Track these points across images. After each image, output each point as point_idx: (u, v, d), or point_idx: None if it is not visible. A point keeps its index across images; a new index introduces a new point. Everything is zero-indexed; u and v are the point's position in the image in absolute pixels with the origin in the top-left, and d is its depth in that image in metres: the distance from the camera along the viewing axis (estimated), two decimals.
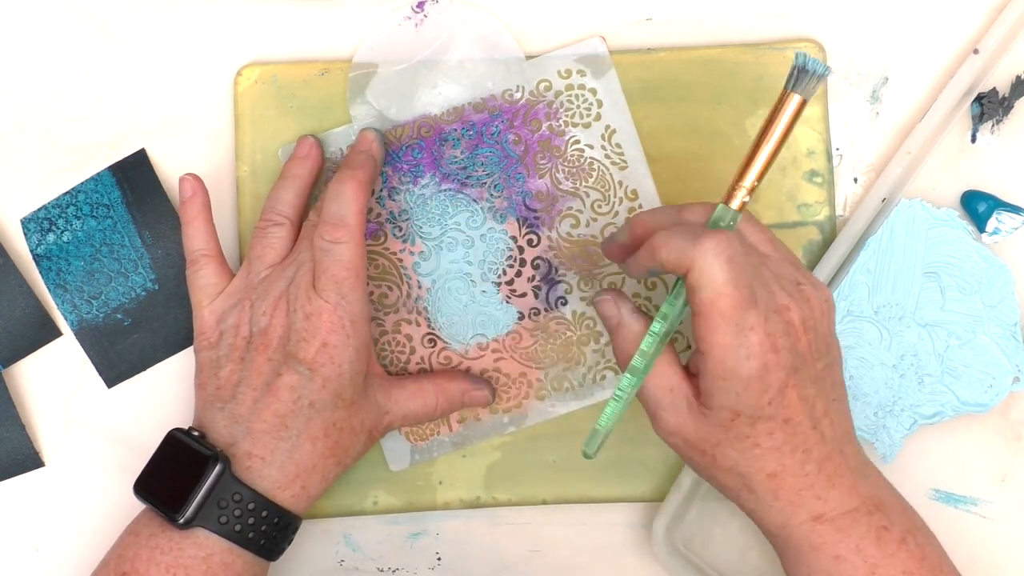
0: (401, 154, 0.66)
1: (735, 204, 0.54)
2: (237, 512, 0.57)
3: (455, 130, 0.66)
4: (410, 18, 0.66)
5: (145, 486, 0.58)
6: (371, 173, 0.62)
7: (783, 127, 0.53)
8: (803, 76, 0.53)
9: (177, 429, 0.59)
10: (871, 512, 0.54)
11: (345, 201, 0.60)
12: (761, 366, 0.52)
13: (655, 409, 0.55)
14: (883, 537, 0.54)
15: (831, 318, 0.55)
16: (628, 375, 0.56)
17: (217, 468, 0.57)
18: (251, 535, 0.57)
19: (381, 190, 0.66)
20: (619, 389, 0.56)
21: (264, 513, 0.57)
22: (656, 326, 0.55)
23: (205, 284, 0.63)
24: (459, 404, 0.64)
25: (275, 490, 0.58)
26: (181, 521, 0.56)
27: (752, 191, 0.54)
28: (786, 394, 0.53)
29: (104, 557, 0.59)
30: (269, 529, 0.58)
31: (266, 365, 0.59)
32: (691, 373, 0.55)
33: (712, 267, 0.51)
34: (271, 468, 0.58)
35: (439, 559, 0.67)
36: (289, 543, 0.60)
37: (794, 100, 0.53)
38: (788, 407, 0.53)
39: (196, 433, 0.59)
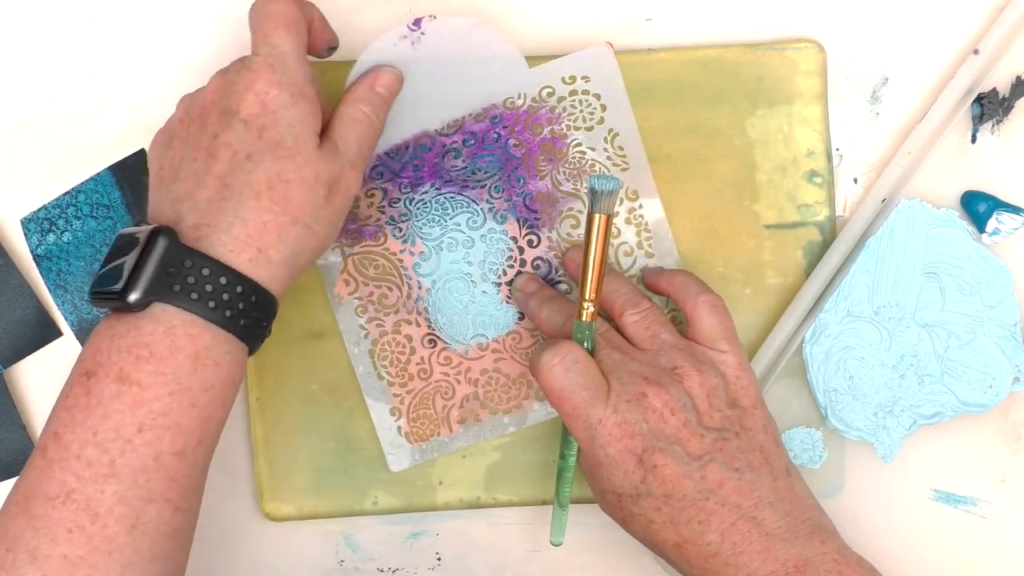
0: (402, 170, 0.66)
1: (585, 317, 0.59)
2: (191, 279, 0.53)
3: (455, 142, 0.66)
4: (406, 37, 0.66)
5: (96, 286, 0.54)
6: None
7: (599, 244, 0.59)
8: (597, 196, 0.58)
9: (123, 230, 0.56)
10: (790, 575, 0.55)
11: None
12: (618, 451, 0.57)
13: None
14: None
15: (730, 392, 0.59)
16: (558, 502, 0.63)
17: (161, 239, 0.53)
18: (212, 304, 0.53)
19: (381, 200, 0.66)
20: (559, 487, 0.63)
21: (222, 279, 0.53)
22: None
23: None
24: (373, 89, 0.62)
25: (228, 255, 0.54)
26: (132, 300, 0.52)
27: (596, 301, 0.59)
28: (657, 472, 0.56)
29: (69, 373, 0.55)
30: (232, 298, 0.53)
31: (204, 132, 0.56)
32: None
33: (547, 380, 0.58)
34: (219, 233, 0.54)
35: (439, 559, 0.67)
36: (265, 324, 0.56)
37: (599, 219, 0.58)
38: (665, 483, 0.56)
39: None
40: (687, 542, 0.56)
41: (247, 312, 0.54)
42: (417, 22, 0.65)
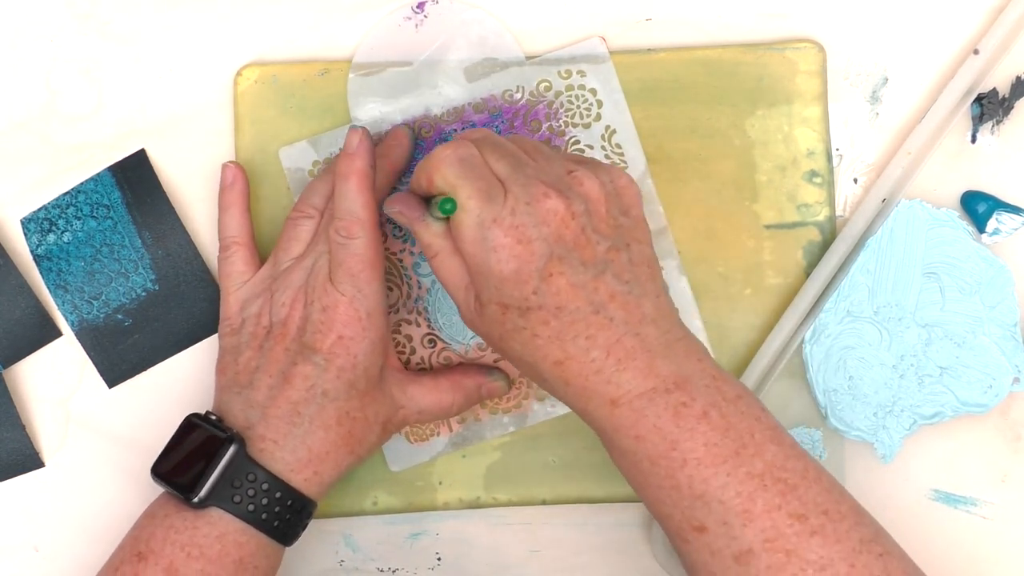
0: None
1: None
2: (251, 492, 0.57)
3: (455, 130, 0.66)
4: (410, 18, 0.66)
5: (161, 469, 0.59)
6: (369, 160, 0.61)
7: None
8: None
9: (194, 414, 0.60)
10: (670, 391, 0.54)
11: (353, 196, 0.60)
12: (509, 258, 0.54)
13: (456, 304, 0.58)
14: (682, 413, 0.53)
15: (622, 200, 0.57)
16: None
17: (232, 448, 0.57)
18: (264, 516, 0.58)
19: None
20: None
21: (277, 494, 0.58)
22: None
23: (233, 271, 0.63)
24: (476, 398, 0.64)
25: (288, 472, 0.58)
26: (195, 500, 0.57)
27: None
28: (551, 282, 0.54)
29: (121, 540, 0.59)
30: (282, 511, 0.58)
31: (283, 355, 0.60)
32: None
33: (442, 171, 0.55)
34: (284, 451, 0.58)
35: (439, 559, 0.67)
36: (303, 528, 0.60)
37: None
38: (558, 295, 0.54)
39: (213, 417, 0.59)
40: (570, 358, 0.54)
41: (292, 521, 0.59)
42: (421, 5, 0.66)
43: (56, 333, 0.67)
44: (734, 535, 0.52)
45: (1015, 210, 0.66)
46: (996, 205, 0.66)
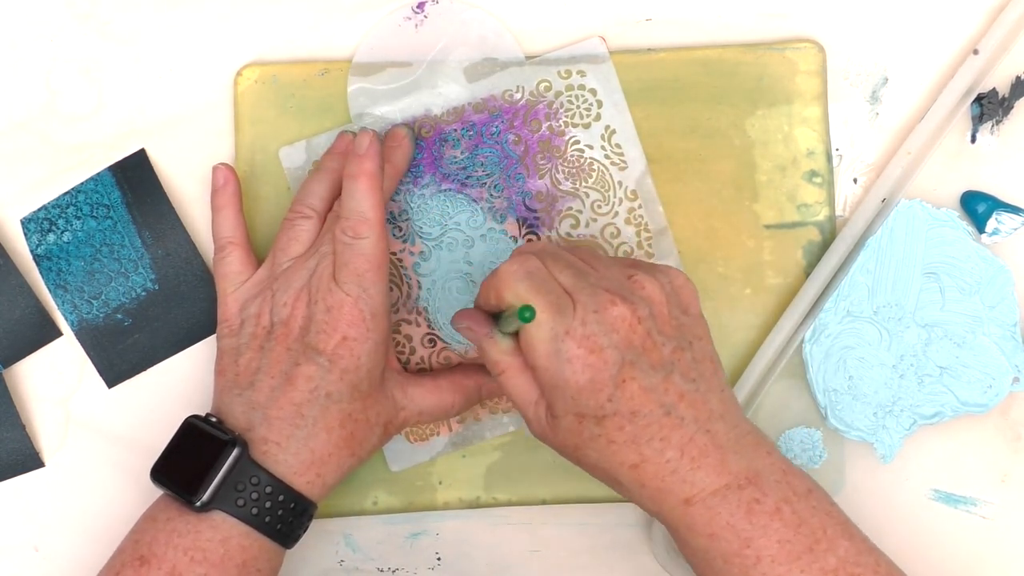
0: None
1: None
2: (254, 495, 0.57)
3: (455, 130, 0.66)
4: (410, 18, 0.66)
5: (162, 471, 0.59)
6: (379, 162, 0.61)
7: None
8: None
9: (194, 416, 0.59)
10: (742, 487, 0.55)
11: (361, 196, 0.60)
12: (584, 368, 0.54)
13: (524, 419, 0.59)
14: (755, 510, 0.54)
15: (681, 300, 0.58)
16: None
17: (235, 452, 0.57)
18: (268, 519, 0.57)
19: None
20: None
21: (280, 497, 0.58)
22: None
23: (230, 272, 0.63)
24: (476, 399, 0.65)
25: (291, 475, 0.58)
26: (198, 504, 0.57)
27: None
28: (625, 388, 0.54)
29: (120, 544, 0.59)
30: (285, 514, 0.58)
31: (285, 355, 0.60)
32: None
33: (512, 286, 0.56)
34: (287, 454, 0.58)
35: (439, 559, 0.67)
36: (304, 530, 0.60)
37: None
38: (632, 400, 0.54)
39: (214, 419, 0.59)
40: (646, 461, 0.55)
41: (294, 524, 0.59)
42: (421, 5, 0.66)
43: (56, 333, 0.67)
44: None
45: (1015, 210, 0.66)
46: (996, 205, 0.66)
